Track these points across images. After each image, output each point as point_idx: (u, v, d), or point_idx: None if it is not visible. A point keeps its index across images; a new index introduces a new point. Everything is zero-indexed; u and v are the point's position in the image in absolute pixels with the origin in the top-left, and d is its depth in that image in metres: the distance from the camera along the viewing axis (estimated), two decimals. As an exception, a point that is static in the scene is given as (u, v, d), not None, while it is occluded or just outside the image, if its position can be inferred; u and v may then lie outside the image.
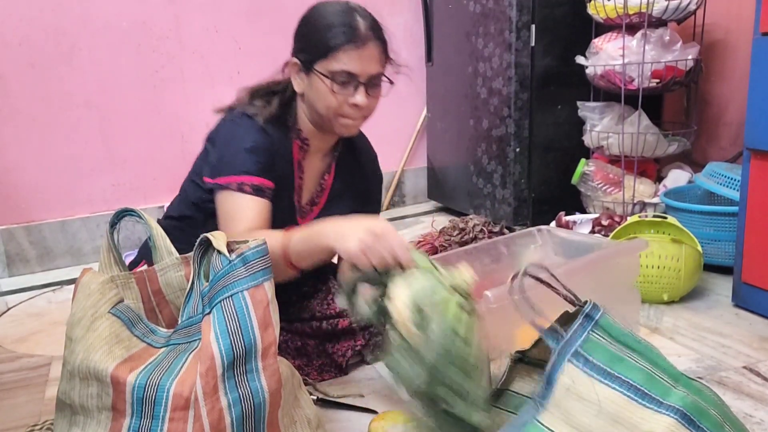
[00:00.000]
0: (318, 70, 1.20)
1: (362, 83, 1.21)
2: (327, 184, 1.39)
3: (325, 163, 1.39)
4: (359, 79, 1.21)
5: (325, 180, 1.39)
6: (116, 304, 0.94)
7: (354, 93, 1.22)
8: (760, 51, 1.47)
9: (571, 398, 0.79)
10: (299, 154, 1.33)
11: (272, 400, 0.88)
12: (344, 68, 1.19)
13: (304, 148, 1.33)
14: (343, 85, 1.20)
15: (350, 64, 1.19)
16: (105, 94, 2.33)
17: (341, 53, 1.18)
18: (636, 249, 1.32)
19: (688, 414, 0.76)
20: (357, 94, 1.22)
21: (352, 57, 1.19)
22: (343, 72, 1.19)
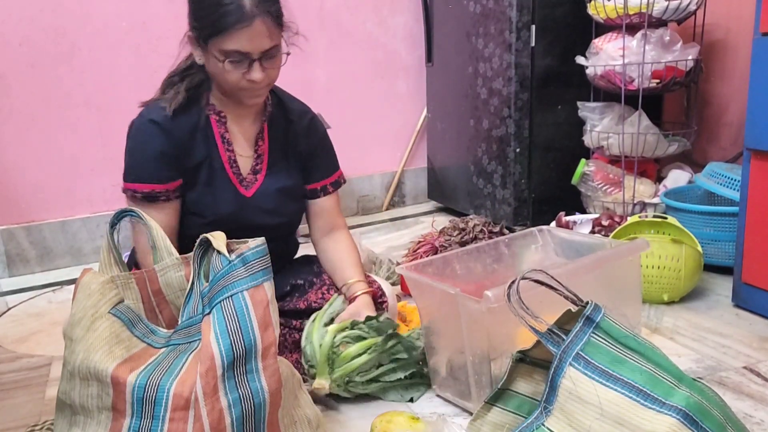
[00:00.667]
0: (210, 49, 1.21)
1: (256, 59, 1.21)
2: (263, 150, 1.38)
3: (255, 130, 1.38)
4: (252, 56, 1.20)
5: (260, 146, 1.38)
6: (116, 305, 0.94)
7: (249, 70, 1.21)
8: (760, 51, 1.47)
9: (574, 401, 0.79)
10: (220, 128, 1.33)
11: (272, 400, 0.88)
12: (235, 48, 1.19)
13: (222, 120, 1.33)
14: (236, 64, 1.20)
15: (241, 44, 1.18)
16: (105, 94, 2.33)
17: (230, 33, 1.17)
18: (637, 249, 1.32)
19: (691, 414, 0.76)
20: (252, 71, 1.21)
21: (242, 37, 1.18)
22: (234, 51, 1.19)
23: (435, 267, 1.35)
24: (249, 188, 1.36)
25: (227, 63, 1.20)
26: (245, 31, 1.17)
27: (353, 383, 1.21)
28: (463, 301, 1.12)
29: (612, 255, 1.32)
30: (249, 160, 1.37)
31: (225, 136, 1.33)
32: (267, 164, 1.38)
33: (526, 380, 0.92)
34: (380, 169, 2.92)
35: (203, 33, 1.21)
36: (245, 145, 1.37)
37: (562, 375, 0.80)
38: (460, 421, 1.17)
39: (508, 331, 1.12)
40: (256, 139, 1.37)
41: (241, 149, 1.36)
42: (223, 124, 1.34)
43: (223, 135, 1.33)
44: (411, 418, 1.10)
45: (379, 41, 2.79)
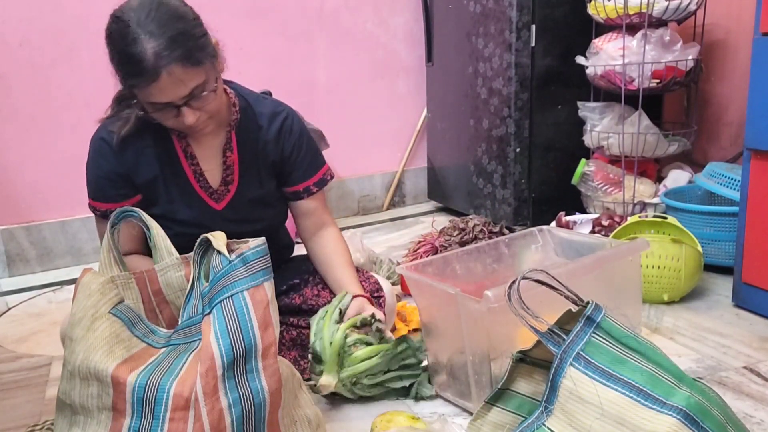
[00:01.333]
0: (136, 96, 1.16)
1: (179, 105, 1.13)
2: (232, 160, 1.31)
3: (221, 141, 1.30)
4: (175, 104, 1.12)
5: (228, 157, 1.31)
6: (116, 305, 0.94)
7: (179, 115, 1.14)
8: (761, 51, 1.47)
9: (575, 401, 0.79)
10: (181, 143, 1.28)
11: (272, 400, 0.88)
12: (153, 100, 1.12)
13: (181, 135, 1.27)
14: (162, 111, 1.14)
15: (155, 97, 1.11)
16: (105, 94, 2.32)
17: (141, 90, 1.10)
18: (637, 249, 1.32)
19: (691, 414, 0.76)
20: (182, 116, 1.14)
21: (152, 91, 1.09)
22: (154, 103, 1.12)
23: (435, 267, 1.35)
24: (220, 200, 1.32)
25: (155, 114, 1.15)
26: (155, 86, 1.08)
27: (360, 385, 1.21)
28: (463, 301, 1.12)
29: (612, 255, 1.32)
30: (218, 172, 1.31)
31: (188, 151, 1.28)
32: (238, 174, 1.32)
33: (526, 380, 0.92)
34: (380, 169, 2.92)
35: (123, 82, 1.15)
36: (212, 158, 1.31)
37: (563, 375, 0.80)
38: (460, 421, 1.17)
39: (508, 331, 1.12)
40: (223, 150, 1.30)
41: (206, 162, 1.30)
42: (184, 138, 1.28)
43: (185, 149, 1.28)
44: (411, 418, 1.10)
45: (379, 41, 2.79)
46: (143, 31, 1.07)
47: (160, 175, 1.28)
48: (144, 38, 1.06)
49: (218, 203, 1.32)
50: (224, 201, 1.32)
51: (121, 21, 1.09)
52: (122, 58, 1.09)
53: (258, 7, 2.52)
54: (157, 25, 1.08)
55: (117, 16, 1.11)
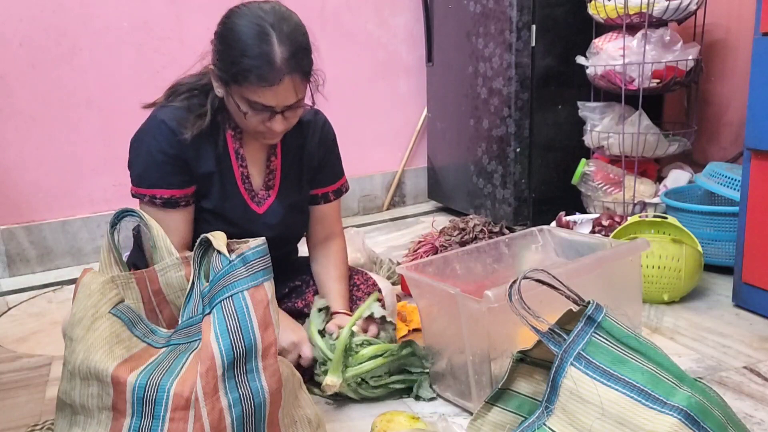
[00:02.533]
0: (232, 93, 1.17)
1: (279, 112, 1.17)
2: (276, 165, 1.34)
3: (269, 146, 1.33)
4: (275, 110, 1.16)
5: (273, 162, 1.34)
6: (117, 305, 0.94)
7: (270, 120, 1.17)
8: (761, 51, 1.47)
9: (575, 401, 0.79)
10: (234, 143, 1.29)
11: (272, 400, 0.88)
12: (258, 101, 1.14)
13: (237, 136, 1.29)
14: (258, 112, 1.16)
15: (264, 99, 1.14)
16: (106, 94, 2.33)
17: (255, 89, 1.12)
18: (637, 249, 1.32)
19: (692, 414, 0.76)
20: (274, 122, 1.17)
21: (266, 94, 1.13)
22: (257, 103, 1.15)
23: (435, 267, 1.35)
24: (261, 204, 1.33)
25: (248, 113, 1.16)
26: (272, 90, 1.12)
27: (365, 385, 1.21)
28: (463, 301, 1.12)
29: (612, 255, 1.32)
30: (260, 176, 1.34)
31: (239, 152, 1.30)
32: (279, 179, 1.35)
33: (526, 380, 0.92)
34: (381, 169, 2.92)
35: (227, 77, 1.16)
36: (259, 161, 1.33)
37: (564, 375, 0.80)
38: (460, 421, 1.17)
39: (508, 331, 1.12)
40: (268, 155, 1.34)
41: (254, 165, 1.32)
42: (239, 140, 1.29)
43: (237, 150, 1.30)
44: (411, 417, 1.10)
45: (380, 41, 2.79)
46: (278, 36, 1.11)
47: (215, 171, 1.28)
48: (277, 42, 1.11)
49: (259, 207, 1.33)
50: (265, 205, 1.34)
51: (258, 19, 1.13)
52: (250, 54, 1.11)
53: (258, 7, 2.52)
54: (288, 34, 1.13)
55: (254, 13, 1.14)
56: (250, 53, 1.11)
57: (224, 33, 1.17)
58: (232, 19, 1.16)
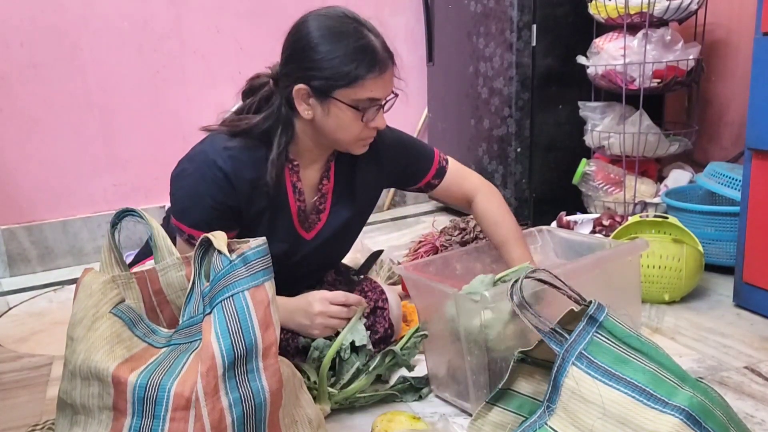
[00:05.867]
0: (339, 99, 1.15)
1: (382, 106, 1.19)
2: (327, 189, 1.32)
3: (322, 171, 1.32)
4: (380, 103, 1.18)
5: (324, 185, 1.32)
6: (117, 304, 0.94)
7: (375, 117, 1.19)
8: (762, 51, 1.47)
9: (577, 400, 0.79)
10: (292, 177, 1.27)
11: (273, 400, 0.88)
12: (370, 96, 1.15)
13: (294, 170, 1.27)
14: (367, 111, 1.17)
15: (375, 91, 1.16)
16: (106, 94, 2.33)
17: (367, 82, 1.14)
18: (637, 249, 1.32)
19: (694, 414, 0.76)
20: (378, 118, 1.19)
21: (377, 84, 1.15)
22: (368, 99, 1.16)
23: (435, 267, 1.35)
24: (310, 230, 1.31)
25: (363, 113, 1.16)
26: (381, 78, 1.15)
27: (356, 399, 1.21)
28: (461, 301, 1.12)
29: (611, 255, 1.32)
30: (312, 202, 1.32)
31: (297, 186, 1.27)
32: (330, 202, 1.33)
33: (527, 380, 0.92)
34: (381, 169, 2.91)
35: (330, 83, 1.14)
36: (312, 189, 1.31)
37: (565, 374, 0.80)
38: (461, 421, 1.17)
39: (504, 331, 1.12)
40: (321, 179, 1.32)
41: (308, 195, 1.31)
42: (296, 173, 1.27)
43: (294, 184, 1.27)
44: (412, 417, 1.10)
45: (380, 41, 2.79)
46: (368, 29, 1.16)
47: (268, 208, 1.24)
48: (372, 35, 1.16)
49: (308, 233, 1.32)
50: (314, 230, 1.32)
51: (341, 19, 1.15)
52: (355, 50, 1.13)
53: (258, 7, 2.52)
54: (372, 28, 1.18)
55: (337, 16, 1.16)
56: (355, 48, 1.13)
57: (313, 41, 1.14)
58: (315, 29, 1.15)
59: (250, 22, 2.51)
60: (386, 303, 1.40)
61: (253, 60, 2.51)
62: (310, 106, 1.18)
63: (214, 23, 2.46)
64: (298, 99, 1.18)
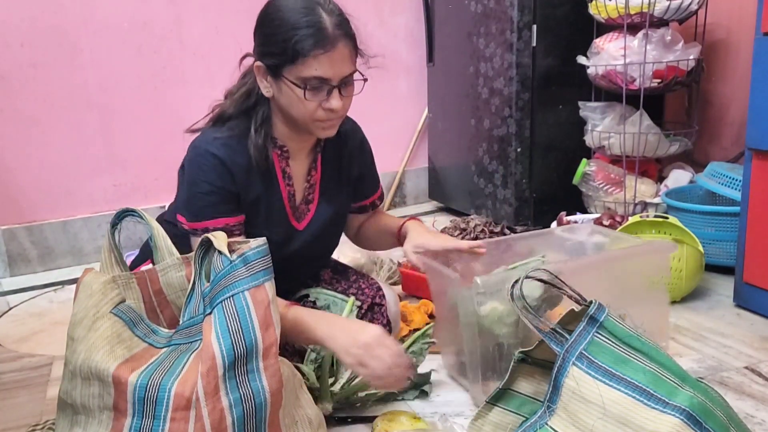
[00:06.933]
0: (286, 77, 1.14)
1: (335, 86, 1.15)
2: (315, 180, 1.34)
3: (309, 160, 1.33)
4: (332, 83, 1.14)
5: (312, 176, 1.33)
6: (118, 305, 0.94)
7: (328, 97, 1.16)
8: (762, 51, 1.47)
9: (577, 400, 0.79)
10: (281, 163, 1.28)
11: (273, 400, 0.88)
12: (315, 74, 1.12)
13: (283, 155, 1.28)
14: (315, 91, 1.14)
15: (321, 69, 1.12)
16: (106, 94, 2.33)
17: (310, 59, 1.11)
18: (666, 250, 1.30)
19: (694, 415, 0.76)
20: (331, 98, 1.16)
21: (323, 62, 1.12)
22: (314, 78, 1.13)
23: None
24: (301, 220, 1.32)
25: (306, 92, 1.14)
26: (327, 56, 1.11)
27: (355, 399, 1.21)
28: (458, 287, 1.15)
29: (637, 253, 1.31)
30: (302, 192, 1.33)
31: (286, 171, 1.28)
32: (319, 193, 1.34)
33: (527, 380, 0.92)
34: (381, 169, 2.86)
35: (278, 60, 1.14)
36: (301, 177, 1.32)
37: (566, 374, 0.80)
38: (461, 420, 1.17)
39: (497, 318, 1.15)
40: (309, 169, 1.33)
41: (297, 182, 1.31)
42: (285, 158, 1.28)
43: (284, 170, 1.28)
44: (412, 417, 1.10)
45: (380, 41, 2.79)
46: (324, 8, 1.14)
47: (263, 196, 1.26)
48: (325, 13, 1.13)
49: (299, 222, 1.33)
50: (305, 220, 1.33)
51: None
52: (301, 25, 1.12)
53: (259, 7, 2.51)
54: (333, 7, 1.16)
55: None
56: (302, 24, 1.12)
57: (269, 18, 1.18)
58: (273, 5, 1.18)
59: (250, 22, 2.49)
60: (384, 300, 1.40)
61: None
62: (268, 83, 1.20)
63: (213, 24, 2.46)
64: (259, 76, 1.20)
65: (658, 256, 1.31)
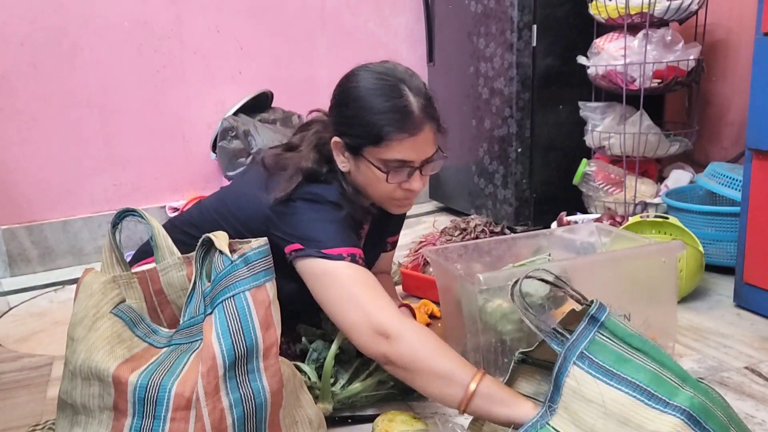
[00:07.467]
0: (367, 158, 1.12)
1: (417, 168, 1.13)
2: (363, 234, 1.31)
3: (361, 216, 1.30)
4: (414, 165, 1.12)
5: (363, 230, 1.30)
6: (118, 304, 0.94)
7: (409, 179, 1.13)
8: (762, 51, 1.47)
9: (578, 400, 0.79)
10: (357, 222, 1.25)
11: (273, 400, 0.88)
12: (398, 157, 1.10)
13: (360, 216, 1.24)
14: (396, 172, 1.12)
15: (404, 153, 1.10)
16: (106, 93, 2.33)
17: (395, 143, 1.08)
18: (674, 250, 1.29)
19: (694, 415, 0.76)
20: (413, 180, 1.13)
21: (407, 146, 1.09)
22: (396, 161, 1.10)
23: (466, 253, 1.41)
24: None
25: (389, 175, 1.11)
26: (412, 140, 1.09)
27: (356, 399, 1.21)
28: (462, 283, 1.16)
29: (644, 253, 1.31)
30: None
31: None
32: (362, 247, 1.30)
33: (528, 381, 0.92)
34: (381, 169, 2.91)
35: (359, 140, 1.11)
36: None
37: (566, 374, 0.80)
38: (461, 420, 1.17)
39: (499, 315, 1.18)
40: (362, 224, 1.28)
41: None
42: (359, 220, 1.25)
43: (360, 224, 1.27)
44: (412, 417, 1.10)
45: (381, 41, 2.79)
46: (410, 90, 1.10)
47: None
48: (411, 94, 1.10)
49: None
50: None
51: (385, 76, 1.11)
52: (387, 109, 1.08)
53: (259, 6, 2.52)
54: (417, 86, 1.12)
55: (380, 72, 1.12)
56: (387, 107, 1.08)
57: (351, 93, 1.13)
58: (355, 82, 1.13)
59: (250, 21, 2.51)
60: None
61: (253, 60, 2.52)
62: (346, 159, 1.17)
63: (213, 23, 2.46)
64: (336, 151, 1.17)
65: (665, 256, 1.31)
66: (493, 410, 0.90)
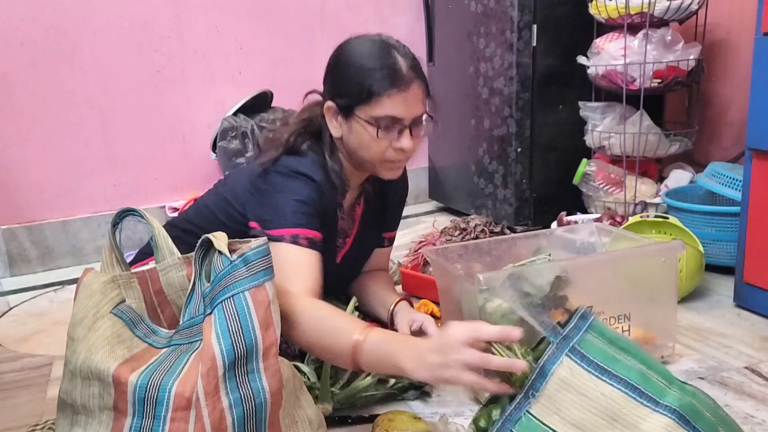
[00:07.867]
0: (359, 117, 1.17)
1: (407, 126, 1.17)
2: (357, 215, 1.35)
3: (356, 195, 1.35)
4: (404, 123, 1.17)
5: (356, 211, 1.35)
6: (118, 305, 0.94)
7: (399, 137, 1.18)
8: (762, 51, 1.47)
9: (567, 391, 0.79)
10: (341, 196, 1.29)
11: (273, 401, 0.88)
12: (388, 113, 1.15)
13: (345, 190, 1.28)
14: (387, 130, 1.16)
15: (395, 109, 1.15)
16: (106, 93, 2.33)
17: (385, 98, 1.14)
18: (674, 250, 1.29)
19: (684, 415, 0.76)
20: (402, 138, 1.18)
21: (397, 101, 1.15)
22: (387, 117, 1.15)
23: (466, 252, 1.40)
24: (337, 253, 1.34)
25: (379, 131, 1.15)
26: (401, 96, 1.15)
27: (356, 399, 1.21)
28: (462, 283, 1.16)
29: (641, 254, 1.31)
30: (345, 226, 1.34)
31: (343, 204, 1.30)
32: (357, 229, 1.36)
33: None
34: (381, 169, 2.91)
35: (350, 101, 1.17)
36: (348, 212, 1.34)
37: (557, 363, 0.80)
38: (461, 421, 1.17)
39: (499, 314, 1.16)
40: (354, 204, 1.34)
41: (346, 216, 1.33)
42: (345, 191, 1.28)
43: (341, 203, 1.30)
44: (412, 417, 1.10)
45: (381, 41, 2.79)
46: (399, 51, 1.19)
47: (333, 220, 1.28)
48: (400, 55, 1.18)
49: (336, 256, 1.34)
50: (340, 254, 1.35)
51: (374, 41, 1.20)
52: (377, 67, 1.15)
53: (259, 6, 2.52)
54: (406, 52, 1.20)
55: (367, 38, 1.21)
56: (377, 65, 1.15)
57: (343, 57, 1.20)
58: (347, 49, 1.21)
59: (250, 21, 2.51)
60: None
61: (253, 60, 2.52)
62: (338, 123, 1.21)
63: (213, 23, 2.46)
64: (329, 116, 1.22)
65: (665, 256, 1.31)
66: (381, 363, 0.94)
